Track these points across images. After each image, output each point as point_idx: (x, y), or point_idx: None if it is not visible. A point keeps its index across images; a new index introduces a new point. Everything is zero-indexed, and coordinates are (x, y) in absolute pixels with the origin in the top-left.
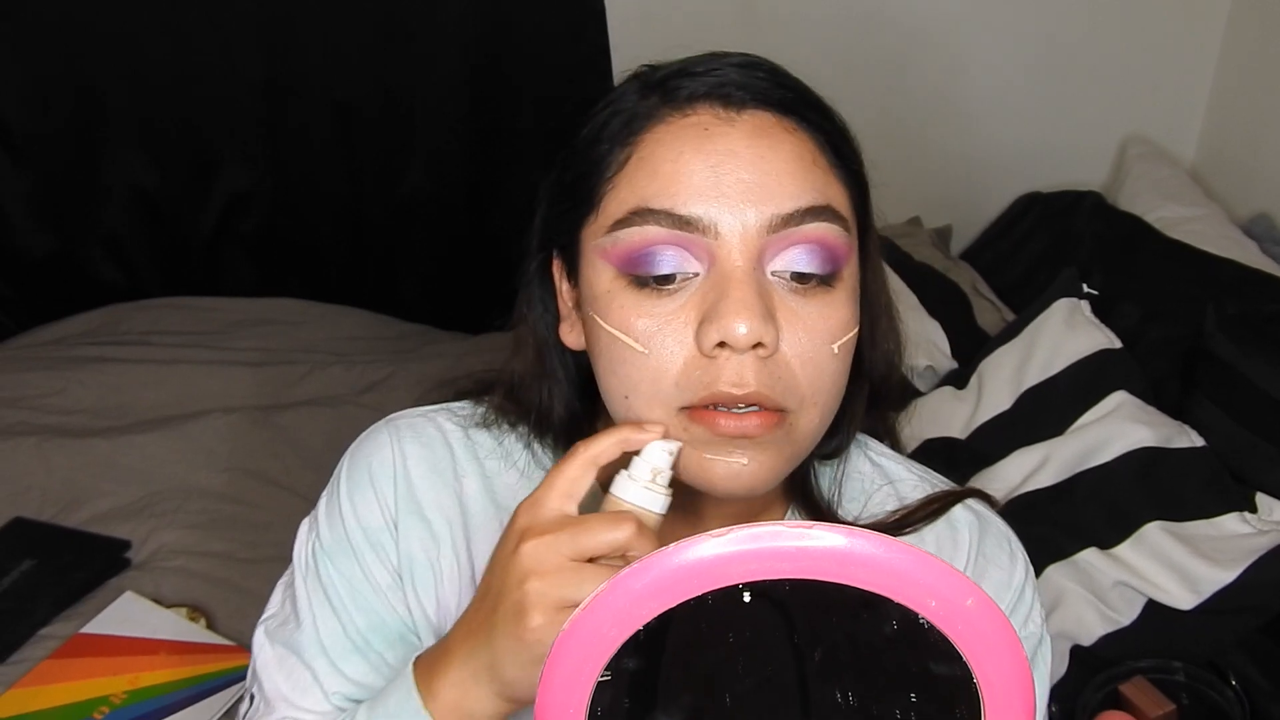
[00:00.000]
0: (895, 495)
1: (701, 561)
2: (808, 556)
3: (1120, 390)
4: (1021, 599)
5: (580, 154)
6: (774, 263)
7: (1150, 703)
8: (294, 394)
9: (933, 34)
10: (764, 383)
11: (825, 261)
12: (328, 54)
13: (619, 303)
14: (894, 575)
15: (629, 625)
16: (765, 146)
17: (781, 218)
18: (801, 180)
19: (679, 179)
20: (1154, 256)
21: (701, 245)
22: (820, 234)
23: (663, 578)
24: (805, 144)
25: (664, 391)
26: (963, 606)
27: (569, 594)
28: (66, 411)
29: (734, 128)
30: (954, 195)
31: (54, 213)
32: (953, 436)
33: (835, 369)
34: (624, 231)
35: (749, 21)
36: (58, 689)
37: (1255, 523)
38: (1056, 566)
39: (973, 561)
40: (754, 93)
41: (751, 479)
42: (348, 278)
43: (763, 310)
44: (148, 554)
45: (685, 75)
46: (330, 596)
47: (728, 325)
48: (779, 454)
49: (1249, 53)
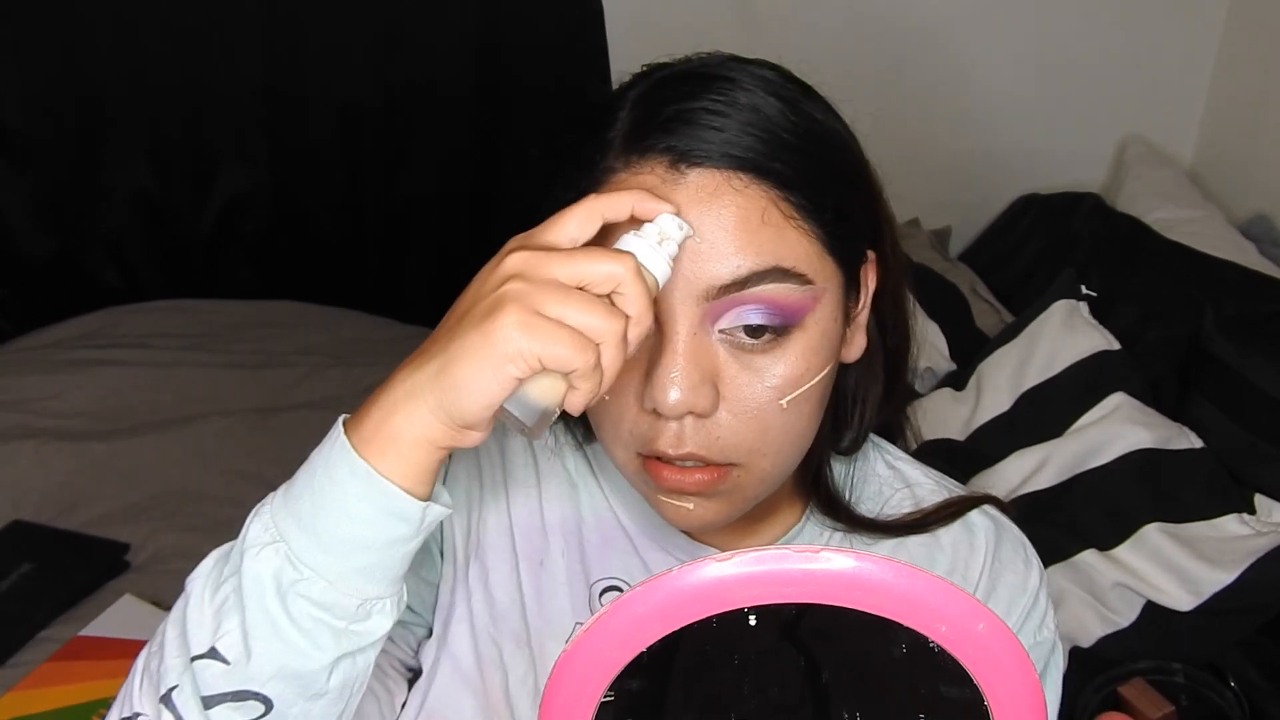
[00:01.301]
0: (912, 498)
1: (706, 585)
2: (815, 581)
3: (1119, 391)
4: (1036, 605)
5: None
6: (721, 321)
7: (1149, 704)
8: (292, 397)
9: (931, 36)
10: (700, 444)
11: (774, 316)
12: (329, 56)
13: None
14: (904, 600)
15: (632, 647)
16: (706, 210)
17: (719, 287)
18: (744, 244)
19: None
20: (1152, 258)
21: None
22: (768, 295)
23: (666, 601)
24: (755, 202)
25: (621, 437)
26: (974, 631)
27: (551, 306)
28: (65, 414)
29: (677, 190)
30: (952, 197)
31: (54, 215)
32: (951, 438)
33: (785, 422)
34: None
35: (748, 22)
36: (57, 692)
37: (1254, 524)
38: (1056, 568)
39: (989, 566)
40: (705, 151)
41: (700, 521)
42: (349, 280)
43: (695, 379)
44: (147, 557)
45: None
46: None
47: (658, 395)
48: (727, 501)
49: (1247, 54)
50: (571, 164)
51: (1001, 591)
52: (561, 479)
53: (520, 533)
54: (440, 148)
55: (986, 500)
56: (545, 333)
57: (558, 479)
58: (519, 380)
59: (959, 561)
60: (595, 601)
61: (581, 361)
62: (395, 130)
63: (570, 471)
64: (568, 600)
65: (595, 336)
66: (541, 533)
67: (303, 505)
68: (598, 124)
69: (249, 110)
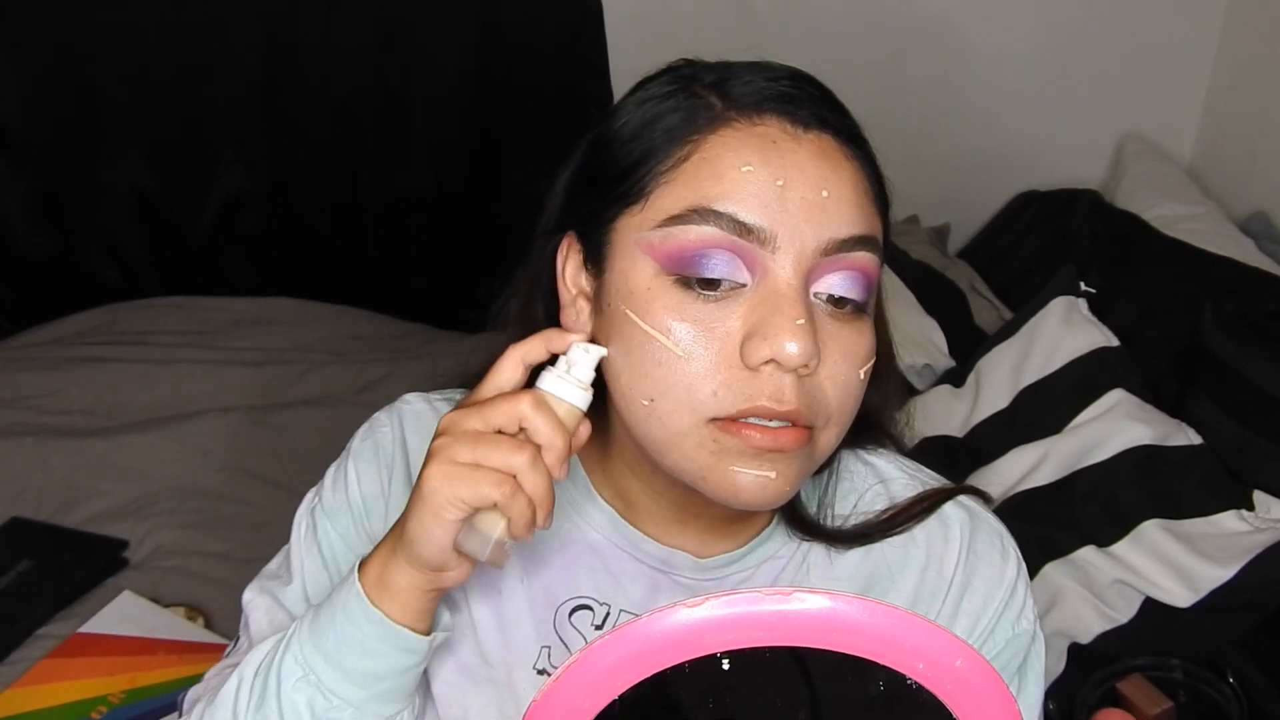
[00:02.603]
0: (886, 494)
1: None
2: (788, 624)
3: (1118, 388)
4: (1014, 596)
5: (624, 143)
6: (818, 284)
7: (1148, 700)
8: (291, 394)
9: (930, 33)
10: (802, 401)
11: (863, 289)
12: (327, 54)
13: (661, 302)
14: (879, 640)
15: (604, 695)
16: (829, 169)
17: (837, 242)
18: (857, 208)
19: (746, 186)
20: (1151, 254)
21: (756, 257)
22: (864, 263)
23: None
24: (859, 173)
25: (697, 399)
26: (952, 667)
27: (463, 454)
28: (63, 411)
29: (800, 145)
30: (951, 194)
31: (53, 213)
32: (950, 435)
33: (859, 393)
34: (678, 228)
35: (746, 19)
36: (56, 688)
37: (1253, 520)
38: (1054, 564)
39: (963, 559)
40: (818, 113)
41: (777, 492)
42: (347, 276)
43: (813, 332)
44: (145, 554)
45: (745, 81)
46: (322, 549)
47: (780, 344)
48: (801, 468)
49: (1246, 51)
50: (661, 138)
51: (977, 584)
52: None
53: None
54: (439, 145)
55: (962, 491)
56: (463, 477)
57: None
58: (460, 521)
59: (933, 556)
60: (565, 623)
61: (500, 494)
62: (394, 127)
63: None
64: (532, 627)
65: (509, 470)
66: None
67: (327, 642)
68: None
69: (248, 108)
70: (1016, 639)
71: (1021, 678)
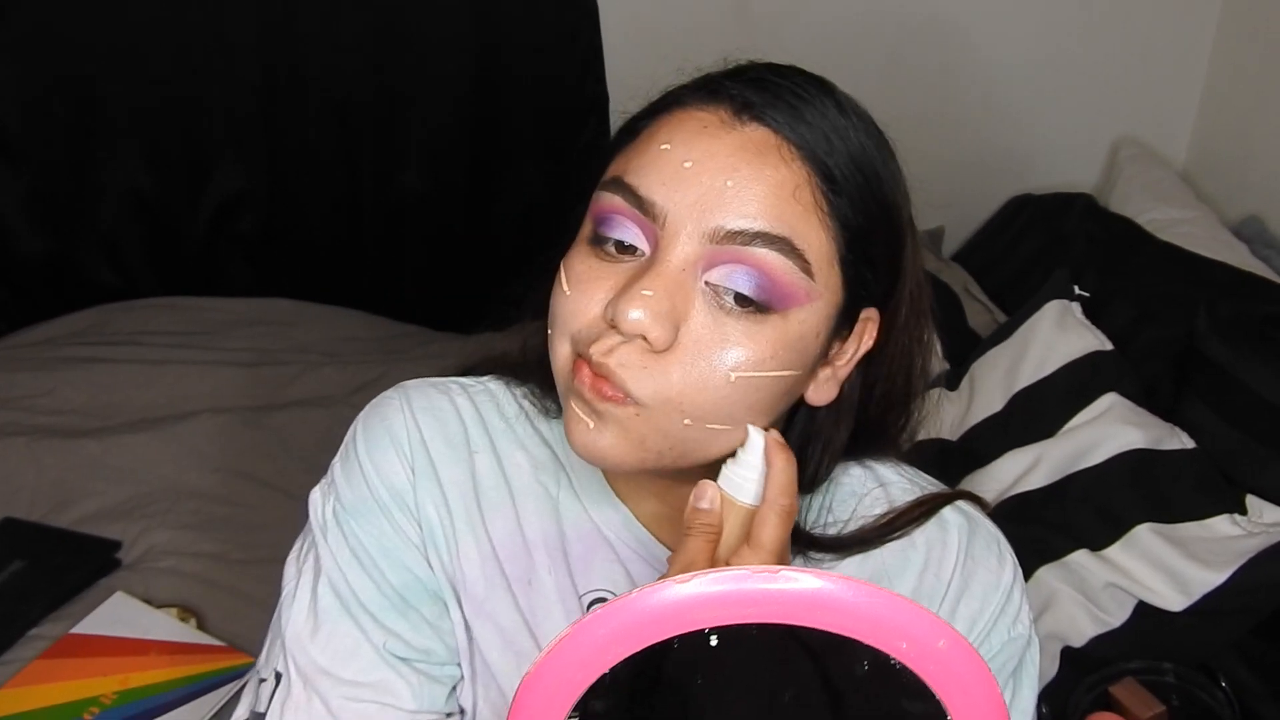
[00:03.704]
0: (885, 498)
1: (666, 606)
2: (774, 601)
3: (1111, 392)
4: (1009, 601)
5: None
6: (710, 273)
7: (1140, 704)
8: (286, 395)
9: (925, 36)
10: (625, 369)
11: (761, 289)
12: (324, 54)
13: (576, 251)
14: (864, 619)
15: (594, 670)
16: (747, 162)
17: (727, 232)
18: (769, 206)
19: (654, 163)
20: (1145, 258)
21: (650, 230)
22: (766, 262)
23: (627, 623)
24: (794, 175)
25: (570, 330)
26: (935, 648)
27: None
28: (56, 412)
29: (729, 134)
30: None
31: (49, 214)
32: (944, 438)
33: (724, 396)
34: (601, 193)
35: (742, 22)
36: (48, 689)
37: (1246, 524)
38: (1047, 568)
39: (961, 564)
40: (770, 109)
41: (598, 444)
42: (344, 277)
43: (664, 309)
44: (138, 554)
45: (742, 74)
46: (360, 558)
47: (621, 306)
48: (621, 433)
49: (1240, 55)
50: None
51: (974, 589)
52: (538, 495)
53: (504, 555)
54: (436, 146)
55: (960, 496)
56: None
57: (534, 495)
58: None
59: (931, 560)
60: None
61: None
62: (391, 128)
63: (545, 486)
64: (562, 616)
65: None
66: (525, 551)
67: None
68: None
69: (244, 108)
70: (1012, 643)
71: (1016, 681)
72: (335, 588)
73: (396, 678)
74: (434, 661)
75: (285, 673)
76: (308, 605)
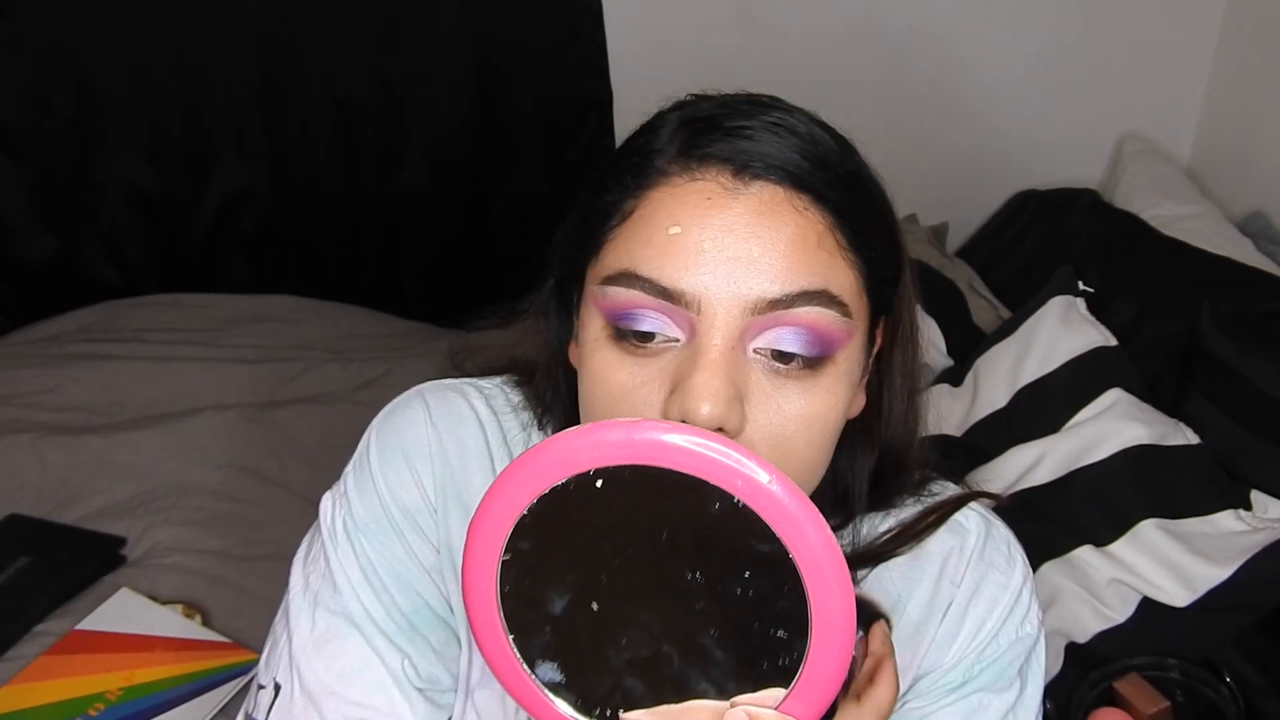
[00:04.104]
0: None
1: (555, 448)
2: (634, 444)
3: (1116, 388)
4: (1018, 602)
5: (594, 193)
6: (757, 341)
7: (1145, 700)
8: (290, 391)
9: (929, 32)
10: None
11: (812, 345)
12: (326, 51)
13: (601, 354)
14: (702, 459)
15: (515, 507)
16: (766, 225)
17: (768, 301)
18: (798, 263)
19: (670, 249)
20: (1150, 254)
21: (684, 317)
22: (810, 319)
23: (533, 465)
24: (813, 224)
25: None
26: (764, 485)
27: None
28: (61, 409)
29: (738, 201)
30: (950, 193)
31: (51, 211)
32: (948, 434)
33: (806, 455)
34: (613, 289)
35: (746, 20)
36: (53, 685)
37: (1250, 520)
38: (1051, 564)
39: (973, 565)
40: (769, 164)
41: None
42: (345, 275)
43: (730, 394)
44: (143, 551)
45: (711, 129)
46: (370, 578)
47: (691, 405)
48: None
49: (1245, 50)
50: (619, 168)
51: (985, 591)
52: None
53: None
54: (437, 144)
55: (969, 499)
56: None
57: None
58: None
59: (948, 568)
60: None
61: None
62: (392, 126)
63: None
64: None
65: None
66: None
67: None
68: (643, 131)
69: (246, 106)
70: (1019, 643)
71: (1022, 679)
72: (345, 604)
73: (402, 700)
74: (438, 689)
75: (287, 684)
76: (315, 618)
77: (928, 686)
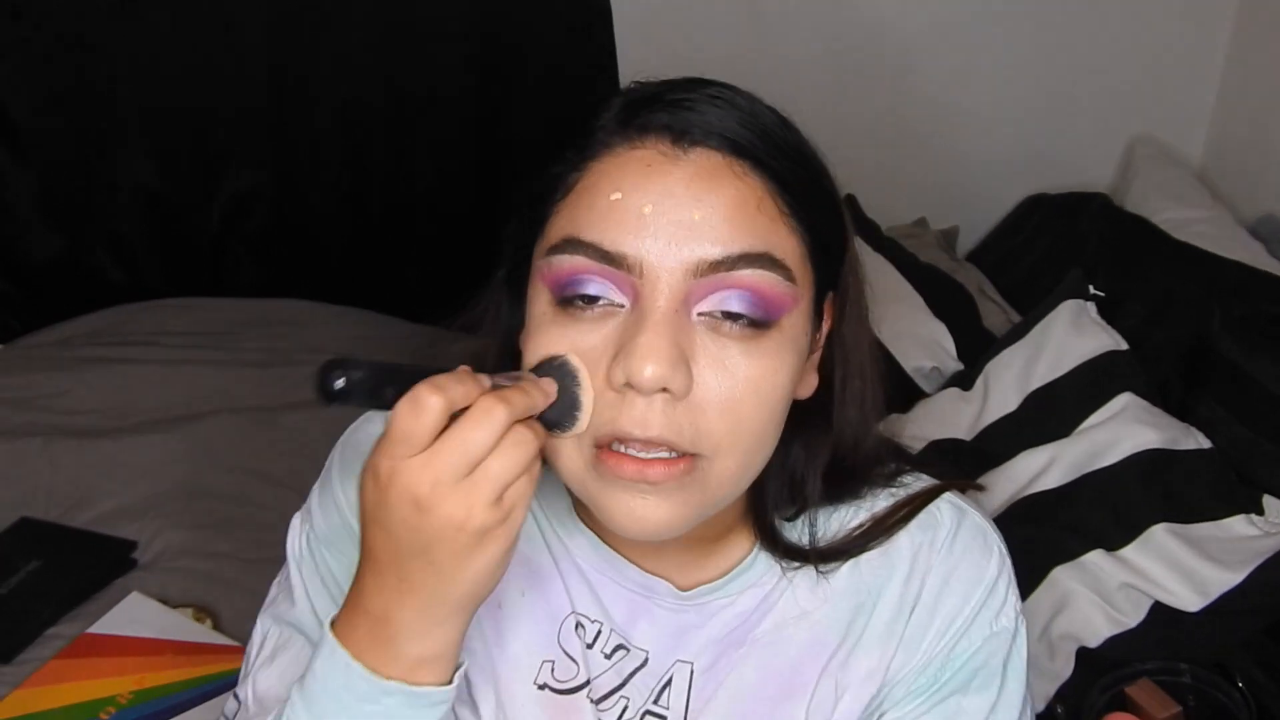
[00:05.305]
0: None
1: None
2: None
3: (1127, 392)
4: (993, 594)
5: (540, 172)
6: (701, 304)
7: (1156, 704)
8: (299, 395)
9: (938, 35)
10: (670, 428)
11: (755, 307)
12: (334, 53)
13: (546, 327)
14: None
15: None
16: (705, 190)
17: (709, 263)
18: (739, 226)
19: (612, 214)
20: (1160, 258)
21: (627, 281)
22: (753, 281)
23: None
24: (753, 189)
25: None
26: None
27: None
28: (72, 412)
29: (677, 166)
30: (960, 196)
31: (60, 212)
32: (959, 438)
33: (756, 418)
34: (557, 258)
35: (755, 23)
36: (64, 689)
37: (1262, 524)
38: (1063, 568)
39: (942, 558)
40: (709, 130)
41: (655, 525)
42: (354, 278)
43: (674, 355)
44: (154, 554)
45: (652, 102)
46: (329, 587)
47: (635, 366)
48: (687, 501)
49: (1256, 53)
50: (563, 147)
51: (955, 585)
52: None
53: None
54: (445, 145)
55: (943, 490)
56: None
57: None
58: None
59: (918, 564)
60: (570, 635)
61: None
62: (400, 128)
63: None
64: (533, 637)
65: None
66: None
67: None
68: (588, 113)
69: (254, 109)
70: (995, 636)
71: (1003, 676)
72: (298, 616)
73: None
74: None
75: (244, 697)
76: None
77: (901, 694)
